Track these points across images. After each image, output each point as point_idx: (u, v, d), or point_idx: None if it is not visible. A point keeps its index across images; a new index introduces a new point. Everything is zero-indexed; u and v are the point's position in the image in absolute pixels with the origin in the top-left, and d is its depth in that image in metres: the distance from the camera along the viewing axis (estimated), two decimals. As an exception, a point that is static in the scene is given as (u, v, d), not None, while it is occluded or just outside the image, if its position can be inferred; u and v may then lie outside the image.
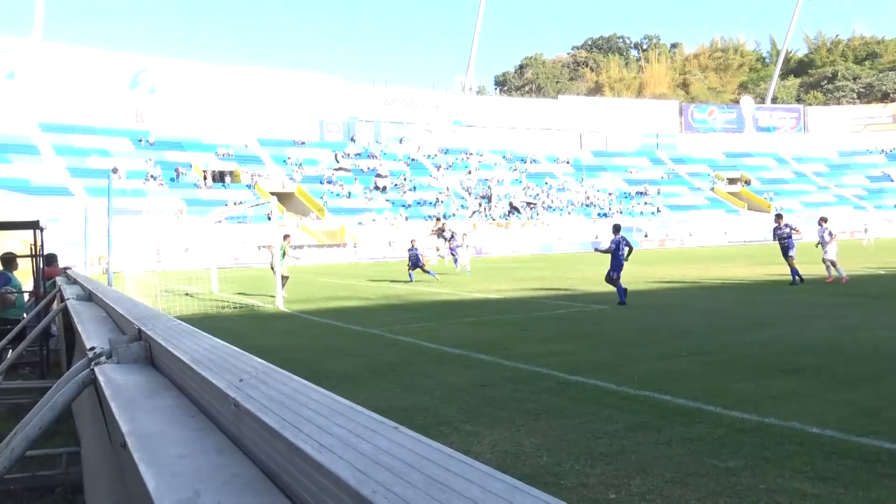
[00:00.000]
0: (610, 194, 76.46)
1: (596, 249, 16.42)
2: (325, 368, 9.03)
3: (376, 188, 68.00)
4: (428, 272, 24.96)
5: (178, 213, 53.00)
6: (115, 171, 53.32)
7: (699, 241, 64.93)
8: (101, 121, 64.65)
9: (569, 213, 70.18)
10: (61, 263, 12.31)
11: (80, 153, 59.67)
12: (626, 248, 15.81)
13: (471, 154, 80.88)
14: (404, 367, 8.91)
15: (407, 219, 61.81)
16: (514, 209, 68.58)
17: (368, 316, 14.82)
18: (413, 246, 25.31)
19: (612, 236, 16.09)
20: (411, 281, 24.76)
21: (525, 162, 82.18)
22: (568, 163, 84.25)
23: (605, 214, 70.65)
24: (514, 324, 12.87)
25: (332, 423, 1.02)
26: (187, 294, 20.94)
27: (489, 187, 72.15)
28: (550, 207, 71.16)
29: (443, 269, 29.87)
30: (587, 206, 73.15)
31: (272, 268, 20.45)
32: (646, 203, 75.55)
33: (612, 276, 15.71)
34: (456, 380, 8.04)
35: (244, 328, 13.60)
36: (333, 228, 56.58)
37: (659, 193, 78.22)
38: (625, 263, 15.75)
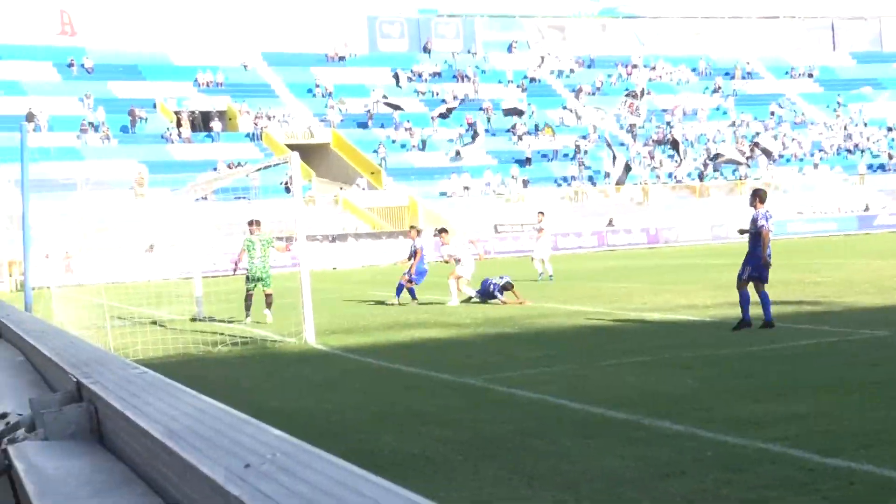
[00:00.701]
0: (890, 130, 76.65)
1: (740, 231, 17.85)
2: (388, 446, 9.68)
3: (469, 132, 68.60)
4: (404, 287, 26.35)
5: (137, 186, 54.72)
6: (29, 118, 54.44)
7: None
8: (3, 33, 66.45)
9: (815, 165, 70.71)
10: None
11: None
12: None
13: (634, 66, 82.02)
14: (526, 443, 9.46)
15: (526, 183, 62.10)
16: (715, 159, 68.76)
17: (460, 355, 15.95)
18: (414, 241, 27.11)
19: (757, 208, 16.82)
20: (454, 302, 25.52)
21: (731, 77, 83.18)
22: (811, 76, 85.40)
23: (881, 166, 70.87)
24: (718, 365, 13.68)
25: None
26: (154, 322, 22.85)
27: (668, 125, 72.83)
28: (781, 156, 71.63)
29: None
30: (848, 151, 73.59)
31: (250, 279, 22.32)
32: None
33: (747, 277, 16.58)
34: (618, 465, 8.42)
35: (251, 378, 14.94)
36: (398, 204, 57.56)
37: None
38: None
